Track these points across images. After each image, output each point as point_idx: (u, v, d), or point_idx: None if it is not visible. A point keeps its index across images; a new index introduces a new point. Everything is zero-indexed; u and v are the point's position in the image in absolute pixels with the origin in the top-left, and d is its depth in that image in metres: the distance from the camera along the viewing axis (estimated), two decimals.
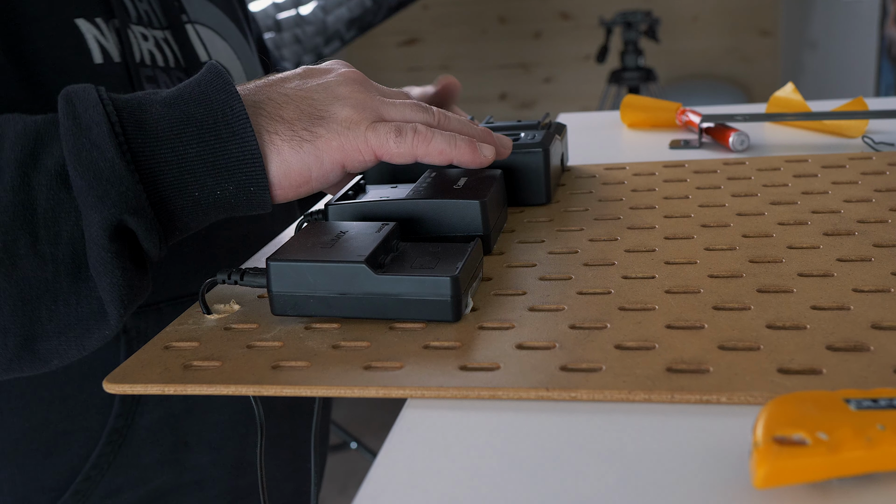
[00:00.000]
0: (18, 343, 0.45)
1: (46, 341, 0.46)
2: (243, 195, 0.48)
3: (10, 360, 0.46)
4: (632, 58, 2.98)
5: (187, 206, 0.47)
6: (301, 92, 0.51)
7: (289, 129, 0.49)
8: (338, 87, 0.51)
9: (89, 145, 0.44)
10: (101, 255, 0.44)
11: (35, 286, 0.44)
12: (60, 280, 0.45)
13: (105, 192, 0.43)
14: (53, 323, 0.45)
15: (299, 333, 0.44)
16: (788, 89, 0.87)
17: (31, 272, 0.44)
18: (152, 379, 0.40)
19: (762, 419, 0.29)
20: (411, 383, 0.38)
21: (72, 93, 0.46)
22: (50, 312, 0.45)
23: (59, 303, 0.45)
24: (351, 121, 0.50)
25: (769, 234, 0.52)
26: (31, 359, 0.46)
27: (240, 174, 0.47)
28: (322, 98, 0.51)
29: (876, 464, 0.28)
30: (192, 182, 0.46)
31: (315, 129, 0.49)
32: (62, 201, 0.44)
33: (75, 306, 0.45)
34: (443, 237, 0.51)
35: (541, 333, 0.41)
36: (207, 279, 0.48)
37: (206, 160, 0.46)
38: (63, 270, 0.45)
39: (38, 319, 0.45)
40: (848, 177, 0.62)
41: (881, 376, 0.35)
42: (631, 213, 0.58)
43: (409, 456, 0.33)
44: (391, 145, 0.50)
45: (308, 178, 0.49)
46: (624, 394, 0.35)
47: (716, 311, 0.42)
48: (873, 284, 0.43)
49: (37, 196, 0.44)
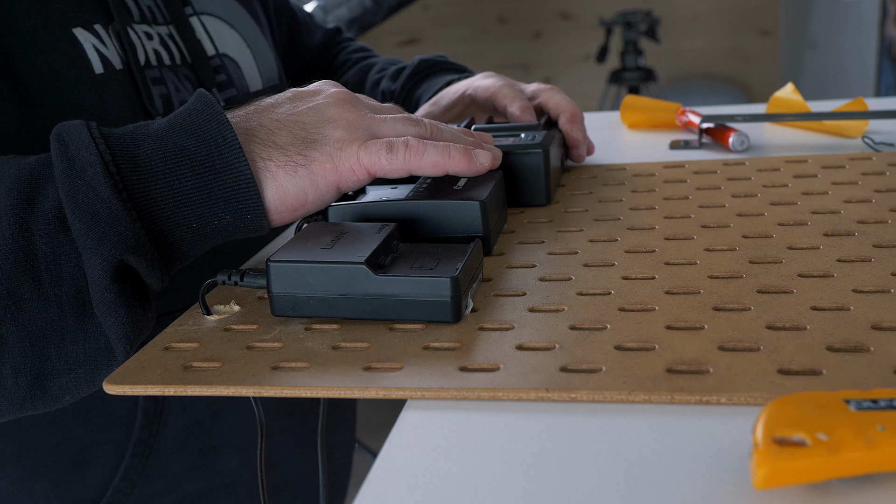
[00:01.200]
0: (30, 382, 0.45)
1: (57, 378, 0.46)
2: (240, 223, 0.48)
3: (22, 399, 0.46)
4: (632, 58, 2.98)
5: (186, 237, 0.47)
6: (292, 116, 0.51)
7: (283, 155, 0.49)
8: (328, 109, 0.52)
9: (85, 187, 0.44)
10: (103, 295, 0.44)
11: (42, 327, 0.44)
12: (66, 319, 0.45)
13: (104, 234, 0.44)
14: (62, 361, 0.46)
15: (299, 334, 0.44)
16: (788, 89, 0.87)
17: (36, 314, 0.44)
18: (152, 380, 0.40)
19: (762, 420, 0.29)
20: (411, 384, 0.38)
21: (63, 132, 0.46)
22: (59, 351, 0.45)
23: (67, 341, 0.45)
24: (343, 141, 0.50)
25: (769, 234, 0.52)
26: (43, 396, 0.46)
27: (236, 203, 0.47)
28: (313, 121, 0.51)
29: (876, 464, 0.28)
30: (190, 214, 0.47)
31: (308, 152, 0.49)
32: (62, 244, 0.44)
33: (83, 343, 0.45)
34: (443, 238, 0.51)
35: (541, 334, 0.41)
36: (208, 280, 0.48)
37: (202, 192, 0.47)
38: (68, 310, 0.45)
39: (47, 358, 0.45)
40: (848, 177, 0.62)
41: (881, 377, 0.35)
42: (631, 214, 0.58)
43: (409, 456, 0.33)
44: (383, 162, 0.50)
45: (304, 202, 0.49)
46: (624, 395, 0.35)
47: (716, 311, 0.42)
48: (873, 285, 0.43)
49: (36, 241, 0.44)
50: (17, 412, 0.47)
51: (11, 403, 0.46)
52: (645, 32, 2.97)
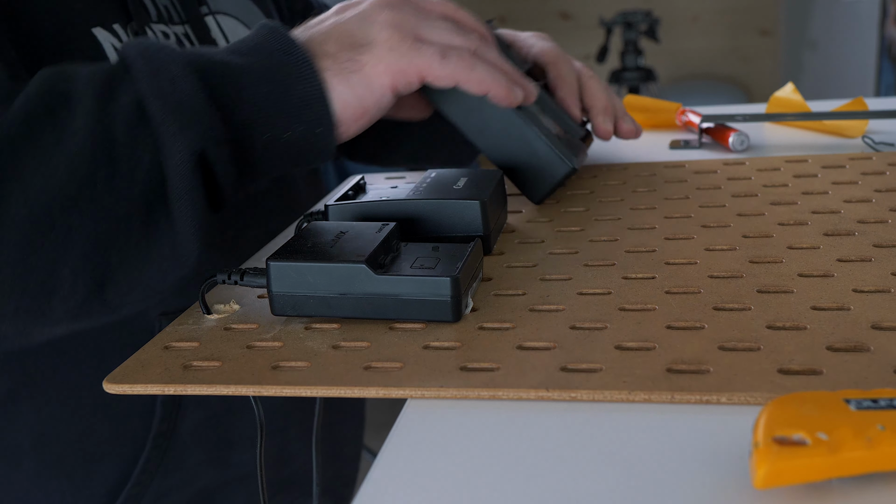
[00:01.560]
0: (89, 287, 0.44)
1: (115, 286, 0.45)
2: (311, 137, 0.48)
3: (79, 306, 0.45)
4: (632, 58, 2.98)
5: (258, 147, 0.47)
6: (339, 26, 0.51)
7: (334, 63, 0.49)
8: (373, 13, 0.51)
9: (167, 80, 0.44)
10: (182, 184, 0.43)
11: (109, 225, 0.44)
12: (133, 220, 0.44)
13: (187, 122, 0.43)
14: (124, 267, 0.45)
15: (299, 333, 0.44)
16: (788, 89, 0.87)
17: (106, 209, 0.43)
18: (152, 379, 0.40)
19: (762, 419, 0.29)
20: (411, 383, 0.38)
21: (135, 42, 0.46)
22: (121, 255, 0.44)
23: (131, 245, 0.44)
24: (392, 42, 0.50)
25: (769, 234, 0.52)
26: (101, 305, 0.46)
27: (308, 113, 0.47)
28: (359, 26, 0.51)
29: (876, 464, 0.28)
30: (263, 123, 0.47)
31: (359, 57, 0.49)
32: (140, 136, 0.44)
33: (146, 249, 0.45)
34: (443, 237, 0.51)
35: (541, 334, 0.41)
36: (208, 278, 0.48)
37: (275, 101, 0.47)
38: (136, 210, 0.44)
39: (108, 263, 0.44)
40: (848, 177, 0.62)
41: (881, 376, 0.35)
42: (631, 214, 0.58)
43: (409, 456, 0.33)
44: (435, 67, 0.50)
45: (365, 109, 0.50)
46: (624, 394, 0.35)
47: (716, 311, 0.42)
48: (873, 284, 0.43)
49: (115, 128, 0.44)
50: (71, 320, 0.46)
51: (67, 309, 0.45)
52: (645, 32, 2.97)
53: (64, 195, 0.43)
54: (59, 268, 0.43)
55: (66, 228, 0.43)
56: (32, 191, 0.42)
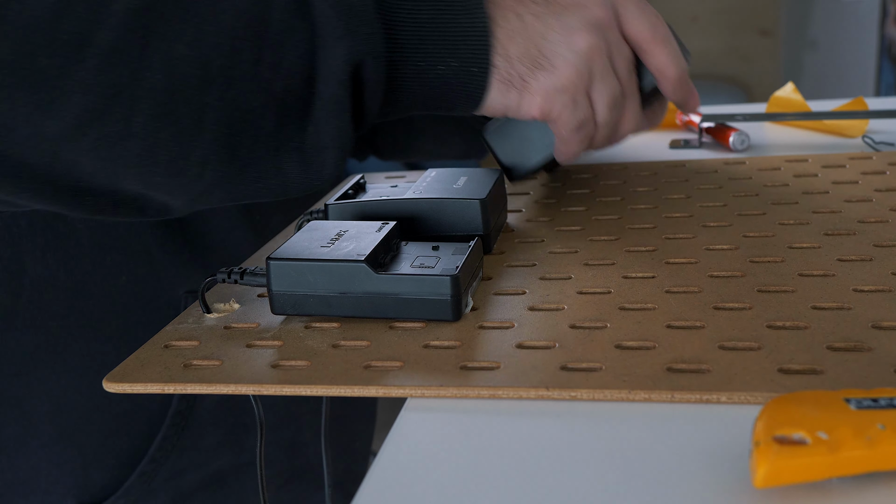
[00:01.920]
0: (216, 178, 0.42)
1: (239, 185, 0.43)
2: (463, 76, 0.46)
3: (200, 193, 0.43)
4: None
5: (409, 75, 0.46)
6: (538, 25, 0.48)
7: (507, 68, 0.47)
8: (576, 36, 0.48)
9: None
10: (337, 92, 0.42)
11: (242, 115, 0.41)
12: (267, 116, 0.42)
13: (354, 28, 0.41)
14: (251, 167, 0.43)
15: (299, 332, 0.44)
16: (788, 89, 0.87)
17: (242, 95, 0.41)
18: (152, 378, 0.40)
19: (762, 419, 0.28)
20: (411, 383, 0.38)
21: None
22: (249, 152, 0.42)
23: (260, 143, 0.42)
24: (566, 84, 0.48)
25: (769, 233, 0.52)
26: (226, 196, 0.44)
27: (465, 49, 0.46)
28: (555, 42, 0.48)
29: (876, 463, 0.28)
30: (421, 48, 0.45)
31: (529, 78, 0.48)
32: (295, 29, 0.42)
33: (274, 151, 0.43)
34: (443, 236, 0.51)
35: (541, 333, 0.41)
36: (207, 278, 0.48)
37: (438, 27, 0.45)
38: (272, 106, 0.42)
39: (236, 156, 0.42)
40: (848, 177, 0.62)
41: (881, 376, 0.35)
42: (631, 213, 0.58)
43: (409, 456, 0.33)
44: (564, 130, 0.50)
45: (503, 114, 0.49)
46: (624, 393, 0.35)
47: (716, 310, 0.42)
48: (873, 284, 0.43)
49: (272, 13, 0.41)
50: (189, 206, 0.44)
51: (189, 191, 0.42)
52: None
53: (205, 69, 0.40)
54: (188, 150, 0.41)
55: (200, 106, 0.40)
56: (175, 58, 0.39)
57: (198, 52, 0.40)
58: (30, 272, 0.59)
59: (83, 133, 0.38)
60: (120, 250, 0.61)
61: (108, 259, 0.61)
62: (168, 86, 0.39)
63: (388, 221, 0.48)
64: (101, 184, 0.41)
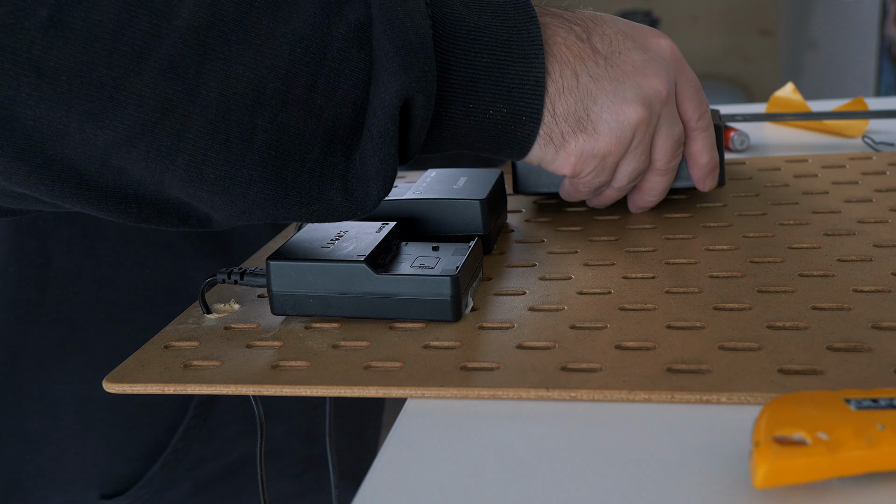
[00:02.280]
0: (257, 202, 0.42)
1: (283, 208, 0.42)
2: (512, 123, 0.46)
3: (243, 212, 0.42)
4: None
5: (457, 116, 0.45)
6: (592, 87, 0.48)
7: (551, 123, 0.47)
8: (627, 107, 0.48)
9: (403, 15, 0.42)
10: (386, 125, 0.41)
11: (290, 139, 0.41)
12: (314, 144, 0.41)
13: (410, 64, 0.41)
14: (295, 190, 0.42)
15: (299, 333, 0.44)
16: (788, 89, 0.87)
17: (293, 120, 0.41)
18: (152, 378, 0.40)
19: (762, 419, 0.29)
20: (411, 383, 0.38)
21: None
22: (295, 176, 0.42)
23: (306, 169, 0.42)
24: (600, 155, 0.49)
25: (769, 234, 0.52)
26: (270, 216, 0.43)
27: (518, 97, 0.45)
28: (604, 109, 0.48)
29: (876, 464, 0.28)
30: (472, 91, 0.45)
31: (570, 137, 0.48)
32: (352, 59, 0.41)
33: (318, 179, 0.42)
34: (443, 237, 0.51)
35: (541, 333, 0.41)
36: (207, 278, 0.48)
37: (493, 74, 0.45)
38: (320, 133, 0.41)
39: (283, 179, 0.41)
40: (848, 177, 0.62)
41: (881, 376, 0.35)
42: (631, 213, 0.58)
43: (409, 456, 0.33)
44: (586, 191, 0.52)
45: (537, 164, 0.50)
46: (624, 394, 0.35)
47: (716, 311, 0.42)
48: (874, 284, 0.43)
49: (331, 41, 0.41)
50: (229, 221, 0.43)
51: (234, 210, 0.42)
52: None
53: (259, 90, 0.40)
54: (235, 169, 0.40)
55: (251, 127, 0.40)
56: (231, 77, 0.39)
57: (254, 74, 0.40)
58: (55, 266, 0.60)
59: (133, 145, 0.38)
60: (143, 244, 0.62)
61: (132, 252, 0.62)
62: (221, 104, 0.39)
63: (388, 222, 0.48)
64: (147, 192, 0.41)
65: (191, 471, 0.66)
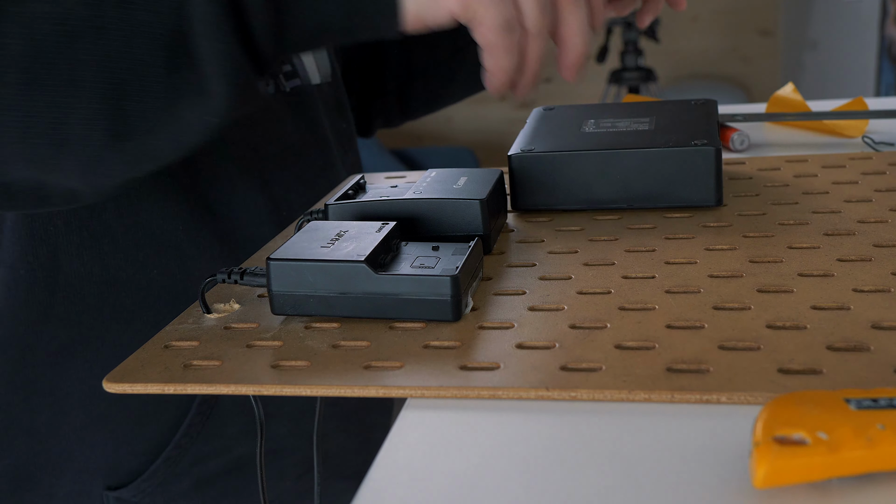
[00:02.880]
0: (103, 140, 0.39)
1: (135, 140, 0.39)
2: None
3: (93, 160, 0.40)
4: (632, 58, 2.98)
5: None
6: None
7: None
8: None
9: None
10: (208, 9, 0.37)
11: (123, 65, 0.38)
12: (154, 61, 0.38)
13: None
14: (144, 118, 0.39)
15: (299, 333, 0.44)
16: (788, 89, 0.87)
17: (119, 44, 0.37)
18: (152, 378, 0.40)
19: (762, 419, 0.29)
20: (411, 383, 0.38)
21: None
22: (140, 103, 0.39)
23: (151, 92, 0.38)
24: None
25: (769, 233, 0.52)
26: (120, 162, 0.41)
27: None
28: None
29: (876, 463, 0.28)
30: None
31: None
32: None
33: (170, 98, 0.39)
34: (443, 236, 0.51)
35: (541, 333, 0.41)
36: (207, 278, 0.48)
37: None
38: (157, 49, 0.38)
39: (124, 112, 0.38)
40: (848, 177, 0.62)
41: (881, 376, 0.35)
42: (631, 213, 0.58)
43: (409, 456, 0.33)
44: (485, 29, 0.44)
45: (422, 19, 0.44)
46: (624, 394, 0.35)
47: (716, 310, 0.42)
48: (873, 284, 0.43)
49: None
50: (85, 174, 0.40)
51: (80, 162, 0.39)
52: (645, 32, 2.97)
53: (69, 23, 0.37)
54: (69, 114, 0.38)
55: (72, 64, 0.37)
56: (33, 17, 0.37)
57: (55, 7, 0.37)
58: (65, 269, 0.60)
59: None
60: (152, 245, 0.62)
61: (141, 254, 0.62)
62: (32, 50, 0.36)
63: (388, 222, 0.48)
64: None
65: (193, 466, 0.67)
